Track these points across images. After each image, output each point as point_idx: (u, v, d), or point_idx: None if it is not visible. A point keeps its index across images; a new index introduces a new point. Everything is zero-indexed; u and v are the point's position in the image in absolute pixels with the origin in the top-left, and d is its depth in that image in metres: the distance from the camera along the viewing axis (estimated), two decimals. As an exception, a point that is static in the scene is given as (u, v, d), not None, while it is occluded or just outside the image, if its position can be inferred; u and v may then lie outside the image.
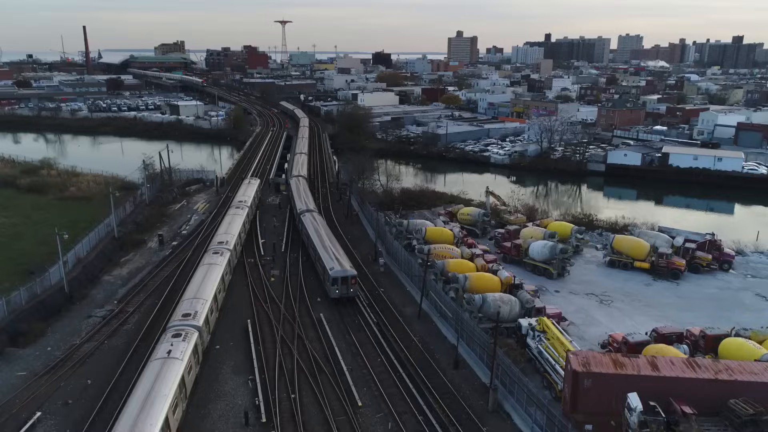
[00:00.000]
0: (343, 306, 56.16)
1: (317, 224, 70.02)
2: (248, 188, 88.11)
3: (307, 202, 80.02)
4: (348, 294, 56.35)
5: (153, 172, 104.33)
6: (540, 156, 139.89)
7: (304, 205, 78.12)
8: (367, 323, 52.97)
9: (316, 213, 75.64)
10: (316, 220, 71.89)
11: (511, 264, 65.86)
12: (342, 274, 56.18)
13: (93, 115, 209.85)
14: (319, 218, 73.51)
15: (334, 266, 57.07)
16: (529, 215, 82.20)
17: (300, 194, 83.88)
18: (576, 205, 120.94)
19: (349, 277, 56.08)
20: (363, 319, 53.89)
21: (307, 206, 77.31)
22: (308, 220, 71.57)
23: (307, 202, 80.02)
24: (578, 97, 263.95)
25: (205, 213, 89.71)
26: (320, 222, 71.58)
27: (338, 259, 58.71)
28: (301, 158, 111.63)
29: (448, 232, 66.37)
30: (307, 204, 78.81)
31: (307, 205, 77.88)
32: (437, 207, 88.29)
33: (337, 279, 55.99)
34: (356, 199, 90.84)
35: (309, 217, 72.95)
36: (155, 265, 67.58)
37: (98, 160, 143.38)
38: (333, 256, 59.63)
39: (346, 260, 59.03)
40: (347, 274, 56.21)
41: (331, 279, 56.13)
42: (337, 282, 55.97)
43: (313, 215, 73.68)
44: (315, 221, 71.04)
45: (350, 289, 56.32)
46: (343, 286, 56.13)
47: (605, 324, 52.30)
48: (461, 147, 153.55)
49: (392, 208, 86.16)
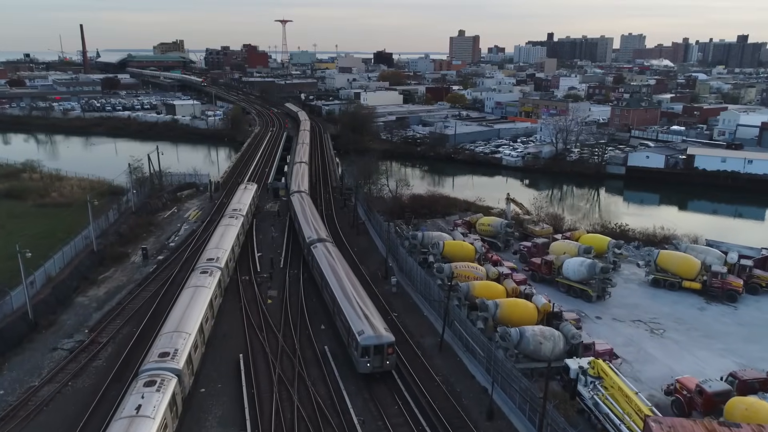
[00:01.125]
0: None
1: (334, 261, 54.55)
2: (244, 194, 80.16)
3: (316, 227, 65.06)
4: (383, 367, 41.20)
5: (142, 176, 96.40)
6: (555, 158, 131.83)
7: (313, 232, 63.31)
8: (380, 358, 44.76)
9: (330, 244, 59.85)
10: (332, 255, 56.33)
11: (541, 283, 57.87)
12: (375, 341, 40.70)
13: (86, 114, 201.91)
14: (335, 252, 57.65)
15: (364, 329, 41.47)
16: (554, 225, 74.16)
17: (306, 217, 68.82)
18: (594, 210, 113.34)
19: (385, 346, 40.71)
20: (375, 352, 45.64)
21: (317, 234, 62.65)
22: (322, 255, 56.07)
23: (316, 227, 65.06)
24: (587, 96, 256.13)
25: (198, 221, 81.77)
26: (337, 257, 55.83)
27: (368, 317, 43.35)
28: (302, 168, 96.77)
29: (469, 247, 58.36)
30: (317, 230, 64.06)
31: (318, 233, 63.18)
32: (452, 215, 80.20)
33: (368, 348, 40.49)
34: (362, 206, 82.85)
35: (322, 249, 57.46)
36: (137, 283, 59.60)
37: (88, 162, 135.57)
38: (361, 312, 44.00)
39: (379, 319, 43.83)
40: (382, 342, 40.78)
41: (360, 348, 40.59)
42: (369, 352, 40.52)
43: (327, 247, 58.25)
44: (331, 257, 55.76)
45: (386, 360, 41.05)
46: (377, 357, 40.66)
47: (661, 360, 44.31)
48: (471, 148, 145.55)
49: (402, 216, 78.20)
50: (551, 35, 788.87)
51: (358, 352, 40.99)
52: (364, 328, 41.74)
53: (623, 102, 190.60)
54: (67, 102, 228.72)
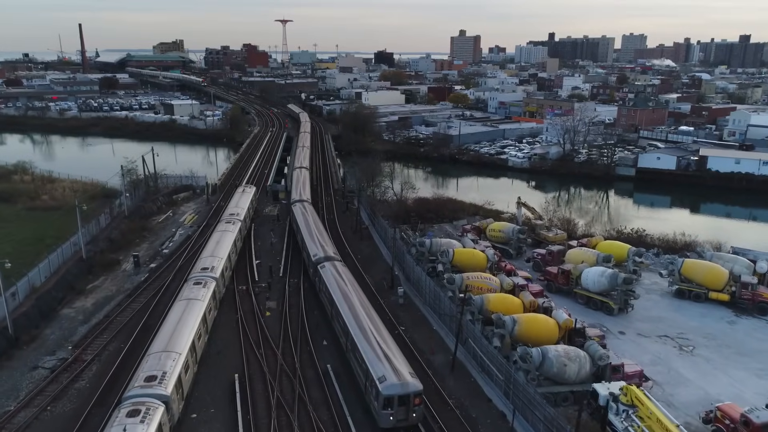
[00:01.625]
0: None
1: (345, 286, 47.05)
2: (242, 198, 76.61)
3: (323, 243, 58.09)
4: (408, 421, 34.69)
5: (136, 178, 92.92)
6: (562, 159, 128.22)
7: (319, 249, 56.29)
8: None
9: (340, 264, 53.03)
10: (344, 278, 48.91)
11: (557, 294, 54.27)
12: (400, 390, 34.13)
13: (82, 115, 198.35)
14: (346, 273, 50.47)
15: (386, 375, 34.93)
16: (567, 230, 70.49)
17: (311, 231, 61.61)
18: (603, 213, 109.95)
19: (411, 396, 34.25)
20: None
21: (324, 251, 55.52)
22: (331, 277, 49.12)
23: (323, 243, 58.09)
24: (590, 96, 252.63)
25: (193, 226, 78.19)
26: (349, 281, 48.41)
27: (390, 359, 36.37)
28: (303, 175, 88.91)
29: (480, 255, 54.77)
30: (324, 247, 56.95)
31: (324, 249, 56.07)
32: (460, 220, 76.56)
33: (391, 399, 34.00)
34: (366, 210, 79.25)
35: (331, 271, 50.55)
36: (127, 294, 56.00)
37: (83, 164, 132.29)
38: (381, 352, 36.87)
39: (403, 361, 36.86)
40: (408, 391, 34.22)
41: (382, 398, 34.09)
42: (392, 403, 34.02)
43: (336, 267, 51.29)
44: (342, 280, 48.40)
45: (412, 413, 34.65)
46: (401, 409, 34.24)
47: (695, 382, 40.70)
48: (475, 149, 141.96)
49: (408, 221, 74.60)
50: (552, 35, 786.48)
51: (378, 402, 34.27)
52: (386, 373, 35.03)
53: (630, 102, 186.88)
54: (64, 102, 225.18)
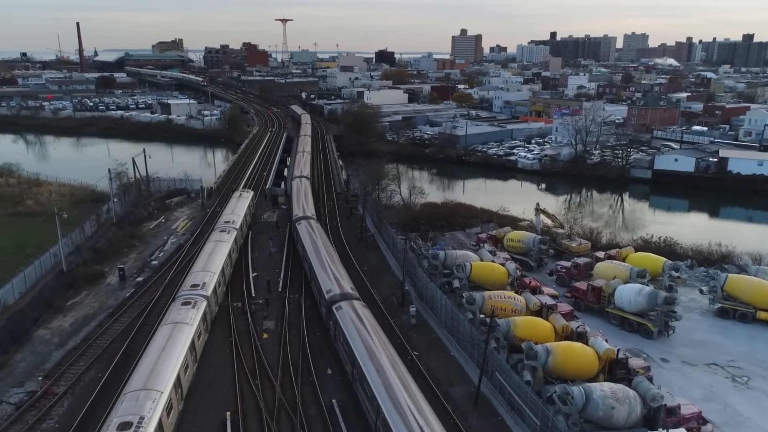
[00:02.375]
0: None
1: (370, 339, 36.73)
2: (239, 203, 71.19)
3: (337, 275, 47.44)
4: None
5: (127, 181, 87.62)
6: (574, 160, 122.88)
7: (333, 282, 45.78)
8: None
9: (360, 304, 42.39)
10: (368, 327, 38.46)
11: (587, 313, 48.95)
12: None
13: (77, 114, 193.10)
14: (370, 319, 39.97)
15: None
16: (590, 239, 65.12)
17: (321, 258, 51.10)
18: (618, 217, 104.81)
19: None
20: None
21: (339, 286, 45.13)
22: (351, 325, 38.83)
23: (337, 275, 47.44)
24: (597, 95, 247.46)
25: (187, 233, 72.88)
26: (374, 332, 37.88)
27: None
28: (304, 186, 77.82)
29: (501, 270, 49.43)
30: (339, 279, 46.46)
31: (339, 283, 45.64)
32: (473, 228, 71.16)
33: None
34: (371, 216, 73.88)
35: (350, 314, 40.19)
36: (109, 312, 50.65)
37: (75, 165, 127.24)
38: None
39: None
40: None
41: None
42: None
43: (357, 310, 40.78)
44: (365, 329, 38.04)
45: None
46: None
47: (758, 423, 35.37)
48: (483, 150, 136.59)
49: (417, 228, 69.22)
50: (554, 34, 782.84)
51: None
52: None
53: (640, 101, 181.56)
54: (59, 101, 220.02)
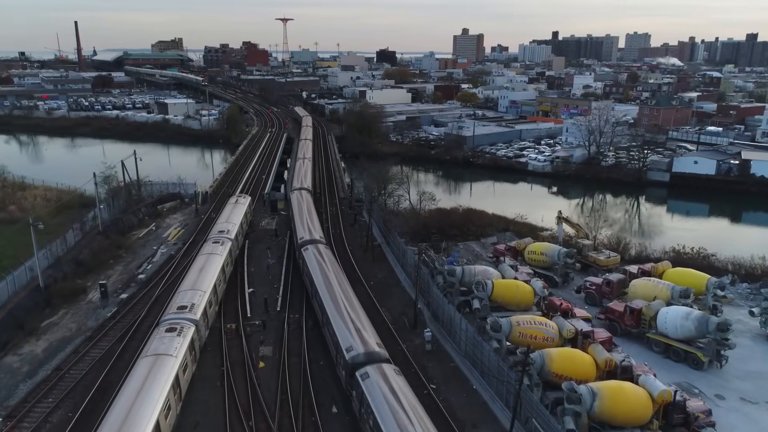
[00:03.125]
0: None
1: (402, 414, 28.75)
2: (234, 211, 65.73)
3: (358, 323, 37.82)
4: None
5: (117, 185, 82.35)
6: (588, 163, 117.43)
7: (353, 334, 36.46)
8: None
9: (390, 368, 33.24)
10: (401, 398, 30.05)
11: (623, 337, 43.52)
12: None
13: (71, 114, 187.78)
14: (403, 387, 31.42)
15: None
16: (618, 250, 59.67)
17: (335, 296, 41.83)
18: (635, 222, 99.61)
19: None
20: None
21: (361, 339, 35.82)
22: (379, 394, 30.41)
23: (358, 323, 37.82)
24: (604, 94, 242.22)
25: (179, 242, 67.52)
26: (409, 404, 29.79)
27: None
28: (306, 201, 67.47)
29: (526, 288, 44.04)
30: (360, 329, 36.98)
31: (361, 335, 36.25)
32: (488, 237, 65.60)
33: None
34: (378, 224, 68.46)
35: (378, 381, 31.47)
36: (87, 336, 45.28)
37: (66, 167, 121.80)
38: None
39: None
40: None
41: None
42: None
43: (385, 376, 31.95)
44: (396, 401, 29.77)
45: None
46: None
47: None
48: (492, 151, 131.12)
49: (428, 238, 63.74)
50: (556, 33, 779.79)
51: None
52: None
53: (652, 100, 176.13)
54: (54, 101, 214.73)
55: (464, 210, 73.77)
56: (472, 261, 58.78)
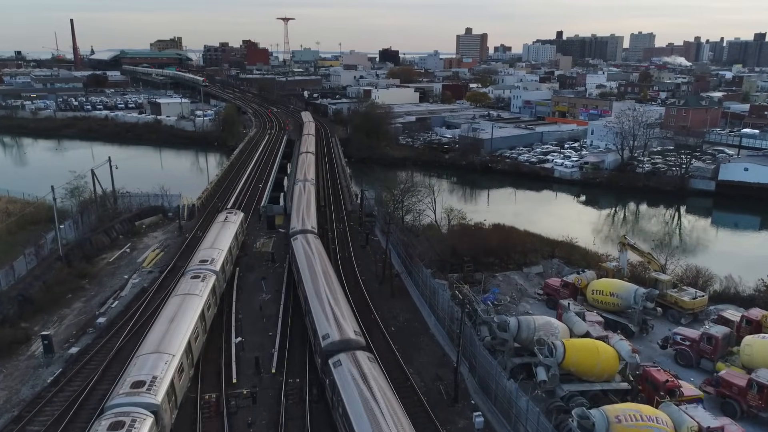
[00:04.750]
0: None
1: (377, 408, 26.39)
2: (223, 231, 53.98)
3: (337, 314, 35.12)
4: None
5: (90, 197, 70.72)
6: (622, 169, 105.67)
7: (331, 323, 34.12)
8: None
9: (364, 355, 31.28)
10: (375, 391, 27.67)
11: (744, 421, 31.78)
12: None
13: (57, 115, 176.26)
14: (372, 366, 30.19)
15: None
16: (695, 285, 47.91)
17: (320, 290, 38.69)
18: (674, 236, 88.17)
19: None
20: None
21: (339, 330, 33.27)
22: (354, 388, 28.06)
23: (337, 314, 35.12)
24: (619, 94, 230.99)
25: (156, 269, 55.98)
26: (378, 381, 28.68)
27: None
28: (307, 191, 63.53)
29: (609, 352, 32.31)
30: (339, 321, 34.29)
31: (340, 327, 33.63)
32: (532, 267, 53.53)
33: None
34: (396, 249, 56.63)
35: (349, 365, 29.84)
36: (14, 415, 33.57)
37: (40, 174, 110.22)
38: None
39: None
40: None
41: None
42: None
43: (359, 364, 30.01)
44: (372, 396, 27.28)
45: None
46: None
47: None
48: (512, 156, 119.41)
49: (459, 267, 51.91)
50: (560, 33, 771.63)
51: None
52: None
53: (679, 100, 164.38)
54: (42, 100, 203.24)
55: (494, 227, 61.64)
56: (517, 300, 47.10)
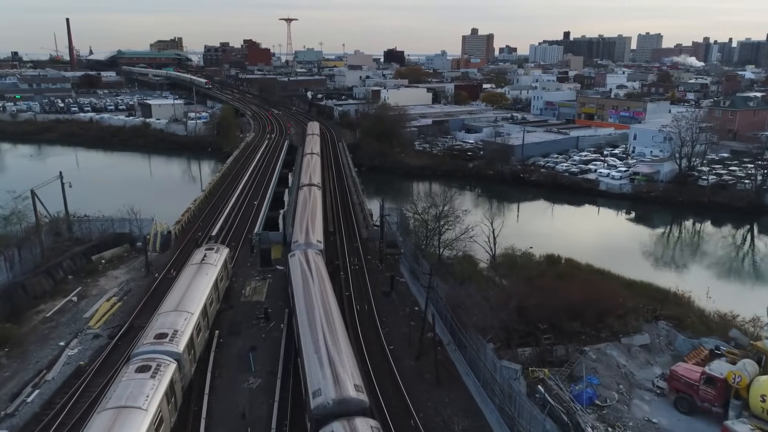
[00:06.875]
0: None
1: None
2: (195, 283, 38.49)
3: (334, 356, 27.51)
4: None
5: (41, 222, 55.40)
6: (681, 182, 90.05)
7: (325, 373, 26.33)
8: None
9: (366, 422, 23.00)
10: None
11: None
12: None
13: (37, 117, 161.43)
14: None
15: None
16: None
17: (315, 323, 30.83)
18: (747, 263, 73.30)
19: None
20: None
21: (333, 380, 25.66)
22: None
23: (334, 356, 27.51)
24: (642, 95, 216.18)
25: (105, 330, 40.73)
26: None
27: None
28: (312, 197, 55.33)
29: None
30: (335, 362, 26.85)
31: (335, 375, 25.93)
32: (635, 337, 37.70)
33: None
34: (442, 308, 40.51)
35: None
36: None
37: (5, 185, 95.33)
38: None
39: None
40: None
41: None
42: None
43: None
44: None
45: None
46: None
47: None
48: (549, 165, 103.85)
49: (534, 337, 36.29)
50: (567, 34, 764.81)
51: None
52: None
53: (723, 101, 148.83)
54: (26, 102, 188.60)
55: (570, 270, 45.86)
56: (627, 395, 31.45)
